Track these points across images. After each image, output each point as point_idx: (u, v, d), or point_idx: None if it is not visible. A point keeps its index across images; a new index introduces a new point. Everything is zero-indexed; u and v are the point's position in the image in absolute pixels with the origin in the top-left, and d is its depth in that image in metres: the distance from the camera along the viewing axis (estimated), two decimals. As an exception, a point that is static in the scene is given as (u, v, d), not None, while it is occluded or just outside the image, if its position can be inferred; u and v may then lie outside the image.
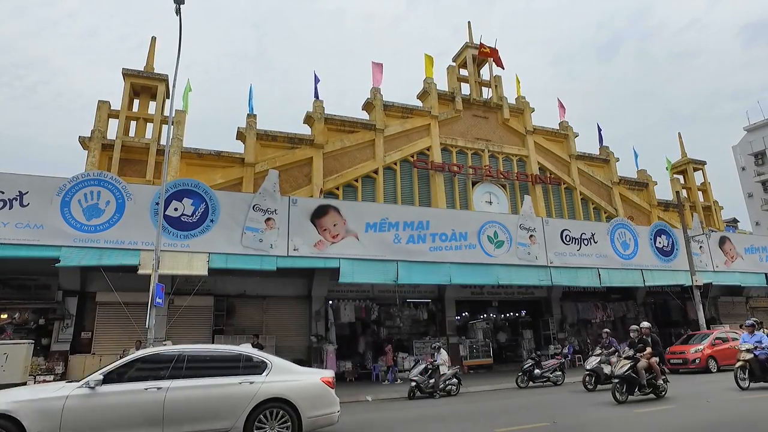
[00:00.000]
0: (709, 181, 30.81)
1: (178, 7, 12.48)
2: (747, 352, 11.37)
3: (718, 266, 23.01)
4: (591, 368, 12.92)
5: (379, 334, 19.52)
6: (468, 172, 22.78)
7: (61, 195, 13.28)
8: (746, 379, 11.35)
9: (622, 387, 10.20)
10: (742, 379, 11.33)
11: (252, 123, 19.28)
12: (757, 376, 11.31)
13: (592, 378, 12.78)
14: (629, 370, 10.27)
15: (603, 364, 12.88)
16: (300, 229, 15.34)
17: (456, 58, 26.51)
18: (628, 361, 10.44)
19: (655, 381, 10.56)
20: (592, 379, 12.76)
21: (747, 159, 49.46)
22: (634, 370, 10.33)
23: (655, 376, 10.58)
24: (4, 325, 14.98)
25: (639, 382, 10.33)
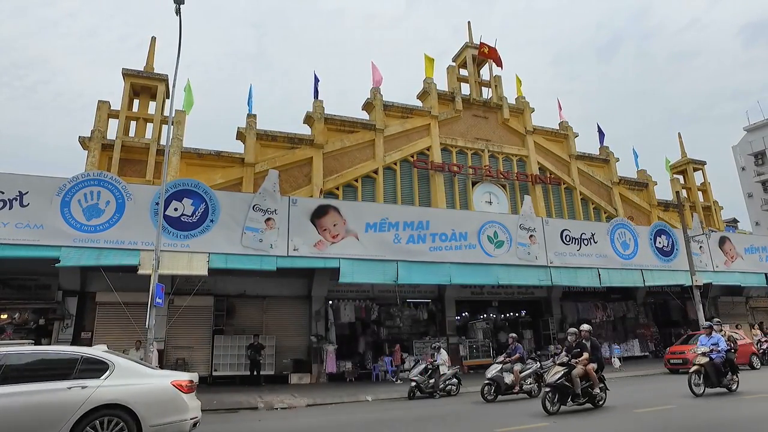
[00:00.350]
0: (709, 181, 30.81)
1: (178, 7, 12.48)
2: (702, 356, 10.87)
3: (718, 266, 23.01)
4: (491, 377, 11.73)
5: (379, 334, 19.52)
6: (468, 172, 22.78)
7: (61, 195, 13.28)
8: (701, 384, 10.75)
9: (553, 396, 9.30)
10: (697, 385, 10.73)
11: (252, 123, 19.28)
12: (712, 381, 10.77)
13: (492, 388, 11.62)
14: (562, 378, 9.36)
15: (505, 373, 11.83)
16: (300, 229, 15.34)
17: (456, 58, 26.50)
18: (561, 368, 9.53)
19: (591, 389, 9.65)
20: (492, 389, 11.60)
21: (747, 159, 49.46)
22: (568, 378, 9.42)
23: (592, 385, 9.66)
24: (4, 325, 14.99)
25: (573, 390, 9.41)
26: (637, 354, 22.97)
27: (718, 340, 10.99)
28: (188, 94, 16.28)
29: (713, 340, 11.07)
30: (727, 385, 10.99)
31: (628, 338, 23.58)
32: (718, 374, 10.77)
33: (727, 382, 10.97)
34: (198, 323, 16.51)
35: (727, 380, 10.93)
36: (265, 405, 11.76)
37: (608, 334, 23.48)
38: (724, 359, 10.93)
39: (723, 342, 11.02)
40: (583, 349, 9.90)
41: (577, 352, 9.87)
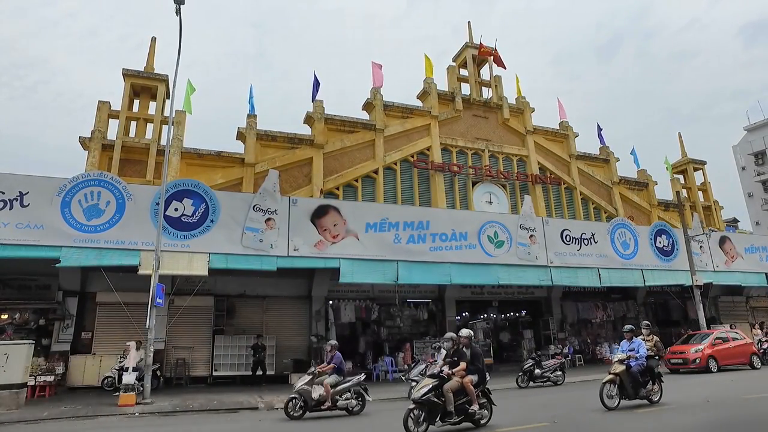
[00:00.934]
0: (710, 181, 30.81)
1: (178, 7, 12.50)
2: (619, 364, 9.65)
3: (719, 266, 23.01)
4: (297, 389, 10.16)
5: (380, 334, 19.52)
6: (468, 172, 22.78)
7: (62, 195, 13.28)
8: (615, 396, 9.51)
9: (419, 415, 7.65)
10: (610, 396, 9.44)
11: (252, 123, 19.28)
12: (628, 392, 9.54)
13: (297, 404, 9.92)
14: (430, 393, 7.77)
15: (315, 386, 10.16)
16: (300, 229, 15.35)
17: (456, 58, 26.50)
18: (431, 380, 7.98)
19: (468, 406, 7.97)
20: (297, 405, 9.90)
21: (747, 159, 49.44)
22: (438, 393, 7.84)
23: (469, 401, 8.00)
24: (4, 326, 15.00)
25: (444, 408, 7.79)
26: (638, 354, 22.92)
27: (638, 346, 9.88)
28: (186, 100, 16.28)
29: (633, 345, 9.97)
30: (647, 396, 9.80)
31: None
32: (636, 384, 9.57)
33: (647, 392, 9.76)
34: (198, 323, 16.52)
35: (645, 391, 9.74)
36: (265, 405, 11.76)
37: (608, 334, 23.49)
38: (643, 367, 9.77)
39: (643, 348, 9.93)
40: (461, 358, 8.31)
41: (454, 361, 8.28)
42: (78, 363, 14.92)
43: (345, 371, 10.92)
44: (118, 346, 14.95)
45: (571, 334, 22.63)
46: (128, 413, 10.78)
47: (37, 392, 13.37)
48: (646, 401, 9.88)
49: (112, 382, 14.21)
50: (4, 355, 11.32)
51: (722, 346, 17.25)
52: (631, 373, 9.58)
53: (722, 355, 17.01)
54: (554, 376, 14.73)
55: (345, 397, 10.35)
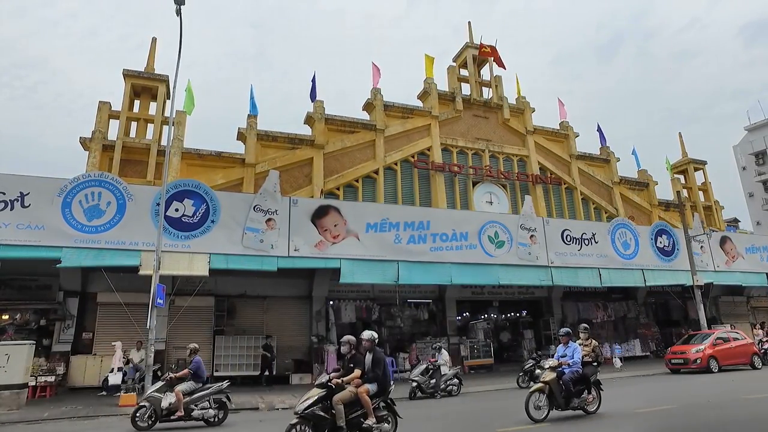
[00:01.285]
0: (710, 181, 30.80)
1: (179, 8, 12.50)
2: (550, 371, 8.74)
3: (719, 266, 23.00)
4: (146, 397, 9.37)
5: (380, 334, 19.50)
6: (468, 172, 22.78)
7: (62, 196, 13.30)
8: (544, 407, 8.52)
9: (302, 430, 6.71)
10: (537, 408, 8.44)
11: (252, 123, 19.29)
12: (558, 402, 8.61)
13: (146, 413, 9.06)
14: (316, 405, 6.80)
15: (168, 393, 9.27)
16: (301, 230, 15.35)
17: (456, 58, 26.51)
18: (319, 390, 6.98)
19: (363, 420, 6.94)
20: (146, 415, 9.05)
21: (748, 159, 49.38)
22: (326, 406, 6.84)
23: (365, 414, 6.95)
24: (5, 326, 15.01)
25: (333, 423, 6.80)
26: (638, 354, 22.97)
27: (573, 351, 9.11)
28: (189, 95, 16.29)
29: (568, 350, 9.22)
30: (581, 406, 8.93)
31: (629, 338, 23.57)
32: (568, 394, 8.65)
33: (580, 402, 8.87)
34: (199, 324, 16.53)
35: (579, 401, 8.84)
36: (266, 405, 11.77)
37: (609, 334, 23.48)
38: (578, 375, 8.88)
39: (578, 353, 9.13)
40: (357, 365, 7.28)
41: (350, 368, 7.28)
42: (79, 363, 14.93)
43: (205, 378, 9.88)
44: (119, 347, 14.95)
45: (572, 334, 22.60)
46: (129, 413, 10.77)
47: (38, 392, 13.39)
48: (582, 412, 9.04)
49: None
50: (5, 355, 11.34)
51: (723, 347, 17.22)
52: (562, 381, 8.66)
53: (723, 355, 16.99)
54: (555, 377, 14.70)
55: (201, 406, 9.40)
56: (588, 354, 9.63)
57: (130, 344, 14.78)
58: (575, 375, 8.86)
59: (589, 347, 9.82)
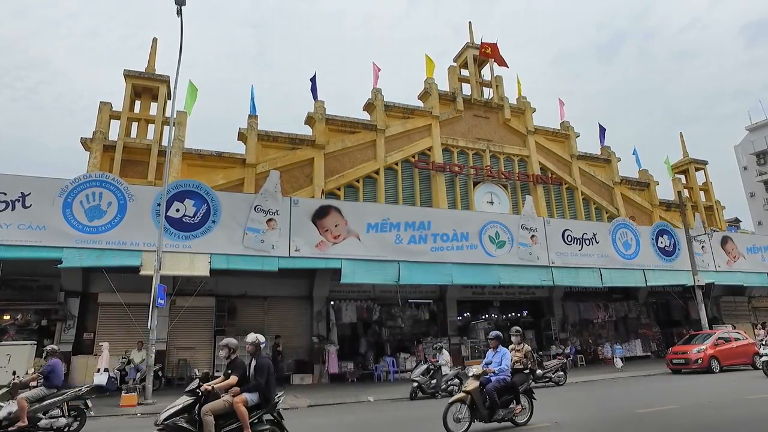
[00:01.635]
0: (711, 181, 30.77)
1: (180, 8, 12.51)
2: (473, 379, 7.87)
3: (720, 266, 22.97)
4: None
5: (381, 334, 19.53)
6: (469, 173, 22.77)
7: (63, 196, 13.32)
8: (464, 419, 7.63)
9: None
10: (457, 420, 7.56)
11: (253, 124, 19.29)
12: (481, 414, 7.68)
13: None
14: (179, 415, 6.08)
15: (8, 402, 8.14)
16: (301, 230, 15.36)
17: (457, 58, 26.51)
18: (186, 398, 6.24)
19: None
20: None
21: (749, 158, 49.29)
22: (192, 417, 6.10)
23: (241, 428, 6.23)
24: (6, 326, 15.04)
25: None
26: (640, 354, 22.95)
27: (502, 357, 8.19)
28: (190, 96, 16.31)
29: (499, 354, 8.29)
30: (508, 417, 8.04)
31: (630, 338, 23.56)
32: (492, 405, 7.73)
33: (507, 414, 7.94)
34: (200, 324, 16.54)
35: (506, 412, 7.93)
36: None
37: (610, 334, 23.48)
38: (505, 383, 7.98)
39: (507, 359, 8.20)
40: (235, 370, 6.59)
41: (228, 374, 6.64)
42: (80, 364, 14.92)
43: (60, 383, 8.74)
44: (120, 347, 14.98)
45: (573, 334, 22.62)
46: (130, 414, 10.80)
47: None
48: (510, 423, 8.15)
49: (114, 382, 14.24)
50: (7, 355, 11.37)
51: (724, 347, 17.21)
52: (485, 391, 7.77)
53: (724, 355, 16.97)
54: (556, 377, 14.73)
55: (51, 414, 8.36)
56: (519, 360, 8.99)
57: (131, 345, 14.80)
58: (502, 384, 7.94)
59: (521, 352, 9.12)
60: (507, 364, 8.15)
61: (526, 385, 8.60)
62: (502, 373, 8.04)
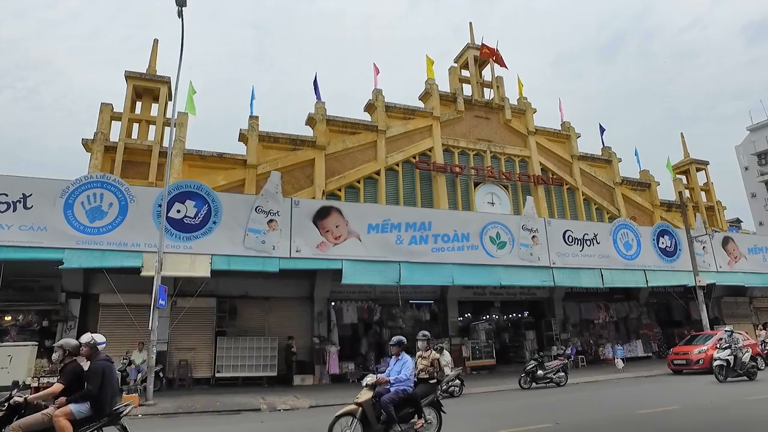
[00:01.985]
0: (712, 181, 30.74)
1: (181, 9, 12.53)
2: (367, 389, 7.02)
3: (722, 266, 22.94)
4: None
5: (382, 335, 19.52)
6: (470, 173, 22.77)
7: (65, 197, 13.34)
8: None
9: None
10: None
11: (254, 125, 19.31)
12: (374, 429, 6.86)
13: None
14: None
15: None
16: (302, 231, 15.37)
17: (457, 59, 26.51)
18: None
19: None
20: None
21: (750, 159, 49.22)
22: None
23: None
24: (8, 327, 15.05)
25: None
26: (641, 355, 22.93)
27: (403, 365, 7.30)
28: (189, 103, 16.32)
29: (398, 364, 7.40)
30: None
31: (631, 339, 23.55)
32: (388, 420, 6.81)
33: (406, 429, 7.04)
34: (201, 325, 16.55)
35: (404, 427, 7.01)
36: (267, 406, 11.77)
37: (611, 335, 23.45)
38: (405, 394, 7.09)
39: (408, 368, 7.26)
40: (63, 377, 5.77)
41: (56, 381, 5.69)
42: (81, 364, 14.95)
43: None
44: (121, 348, 14.98)
45: (574, 334, 22.60)
46: (131, 415, 10.79)
47: (40, 393, 13.40)
48: None
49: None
50: (8, 356, 11.40)
51: (726, 347, 17.15)
52: (381, 403, 6.86)
53: (725, 356, 16.91)
54: (557, 378, 14.71)
55: None
56: (424, 369, 7.76)
57: (132, 345, 14.81)
58: (400, 395, 7.02)
59: (427, 360, 7.83)
60: (407, 374, 7.22)
61: (432, 396, 7.60)
62: (400, 383, 7.10)
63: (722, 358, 13.75)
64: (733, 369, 13.69)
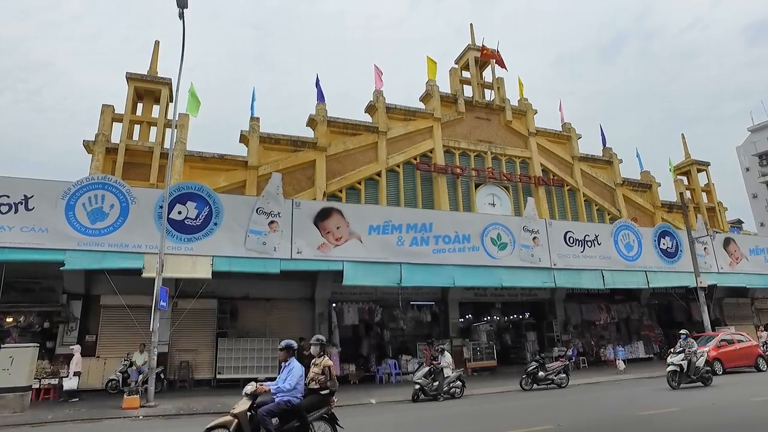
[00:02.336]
0: (713, 182, 30.72)
1: (182, 11, 12.55)
2: (247, 399, 6.33)
3: (723, 267, 22.92)
4: None
5: (383, 336, 19.52)
6: (471, 174, 22.77)
7: (66, 199, 13.35)
8: None
9: None
10: None
11: (255, 126, 19.33)
12: None
13: None
14: None
15: None
16: (303, 232, 15.37)
17: (458, 60, 26.52)
18: None
19: None
20: None
21: (751, 160, 49.23)
22: None
23: None
24: (9, 329, 15.08)
25: None
26: (642, 356, 22.90)
27: (289, 373, 6.65)
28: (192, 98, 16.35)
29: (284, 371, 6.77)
30: None
31: (633, 340, 23.52)
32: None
33: None
34: (202, 326, 16.56)
35: None
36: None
37: (612, 336, 23.43)
38: (288, 407, 6.39)
39: (294, 376, 6.59)
40: None
41: None
42: (82, 366, 14.94)
43: None
44: (122, 349, 15.01)
45: (575, 336, 22.58)
46: (132, 416, 10.81)
47: (41, 395, 13.43)
48: None
49: (116, 384, 14.28)
50: (10, 358, 11.38)
51: (727, 349, 17.16)
52: (258, 415, 6.22)
53: (727, 357, 16.92)
54: (558, 379, 14.69)
55: None
56: (315, 378, 6.90)
57: (134, 347, 14.82)
58: (282, 407, 6.35)
59: (318, 367, 6.97)
60: (292, 382, 6.54)
61: (324, 410, 6.77)
62: (284, 392, 6.46)
63: (675, 363, 12.95)
64: (686, 374, 12.98)
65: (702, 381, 13.28)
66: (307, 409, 6.58)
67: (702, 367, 13.32)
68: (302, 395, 6.66)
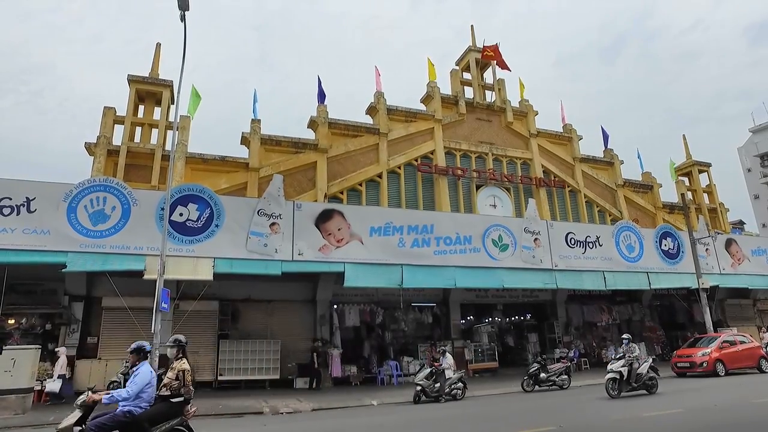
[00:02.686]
0: (715, 183, 30.67)
1: (183, 14, 12.57)
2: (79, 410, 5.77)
3: (725, 269, 22.88)
4: None
5: (384, 338, 19.51)
6: (472, 176, 22.78)
7: (68, 201, 13.38)
8: None
9: None
10: None
11: (256, 128, 19.36)
12: None
13: None
14: None
15: None
16: (305, 234, 15.38)
17: (459, 61, 26.55)
18: None
19: None
20: None
21: (753, 160, 49.19)
22: None
23: None
24: (11, 330, 15.09)
25: None
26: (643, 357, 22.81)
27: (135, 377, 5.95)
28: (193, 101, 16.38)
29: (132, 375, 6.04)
30: None
31: (634, 341, 23.42)
32: None
33: None
34: (203, 328, 16.55)
35: None
36: (270, 409, 11.77)
37: (614, 337, 23.37)
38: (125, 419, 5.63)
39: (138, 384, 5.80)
40: None
41: None
42: (84, 367, 14.97)
43: None
44: (124, 351, 14.95)
45: (577, 337, 22.54)
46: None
47: (43, 397, 13.44)
48: None
49: (118, 386, 14.26)
50: (11, 359, 11.39)
51: (730, 350, 17.13)
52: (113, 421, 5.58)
53: (730, 358, 16.88)
54: (560, 380, 14.67)
55: None
56: (168, 384, 6.01)
57: (135, 348, 14.80)
58: (119, 418, 5.58)
59: (174, 372, 6.12)
60: (133, 390, 5.74)
61: (180, 420, 5.87)
62: (125, 401, 5.68)
63: (614, 370, 12.07)
64: (627, 382, 12.13)
65: (646, 388, 12.52)
66: (150, 420, 5.66)
67: (645, 374, 12.46)
68: (149, 404, 5.83)
